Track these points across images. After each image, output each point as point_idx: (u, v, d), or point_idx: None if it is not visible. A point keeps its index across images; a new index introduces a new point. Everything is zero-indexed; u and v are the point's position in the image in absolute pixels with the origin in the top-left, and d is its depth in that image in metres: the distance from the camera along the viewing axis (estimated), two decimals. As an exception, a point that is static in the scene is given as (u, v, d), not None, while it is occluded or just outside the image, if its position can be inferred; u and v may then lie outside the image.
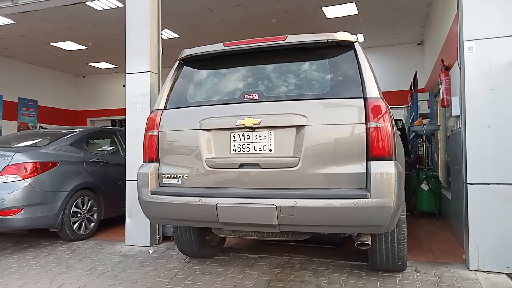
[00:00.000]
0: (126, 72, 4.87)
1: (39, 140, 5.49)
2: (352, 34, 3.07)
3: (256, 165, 2.93)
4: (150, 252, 4.42)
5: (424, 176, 6.51)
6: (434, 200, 6.41)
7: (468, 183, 3.59)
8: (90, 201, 5.27)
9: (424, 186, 6.45)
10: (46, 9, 6.32)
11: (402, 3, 7.93)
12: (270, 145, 2.93)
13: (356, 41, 3.02)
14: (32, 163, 4.67)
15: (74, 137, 5.46)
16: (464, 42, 3.64)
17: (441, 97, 5.52)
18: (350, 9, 8.21)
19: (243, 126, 2.95)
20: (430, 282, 3.27)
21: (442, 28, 6.45)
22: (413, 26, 9.44)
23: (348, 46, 3.01)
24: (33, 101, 13.19)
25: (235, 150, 3.01)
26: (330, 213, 2.72)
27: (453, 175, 5.27)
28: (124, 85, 4.94)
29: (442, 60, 5.83)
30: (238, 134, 3.01)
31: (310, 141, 2.82)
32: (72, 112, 14.84)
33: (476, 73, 3.59)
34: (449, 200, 5.65)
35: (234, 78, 3.32)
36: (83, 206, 5.15)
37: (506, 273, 3.43)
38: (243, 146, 2.99)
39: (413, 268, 3.61)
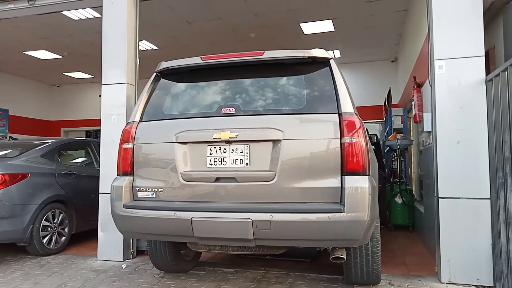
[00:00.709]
0: (102, 83, 4.80)
1: (9, 151, 5.31)
2: (328, 51, 3.14)
3: (233, 179, 2.92)
4: (123, 267, 4.30)
5: (398, 190, 6.64)
6: (408, 213, 6.54)
7: (439, 197, 3.69)
8: (62, 215, 5.11)
9: (398, 200, 6.57)
10: (19, 17, 6.18)
11: (377, 22, 8.17)
12: (247, 159, 2.93)
13: (331, 58, 3.09)
14: (0, 175, 4.51)
15: (46, 148, 5.32)
16: (434, 61, 3.78)
17: (414, 113, 5.68)
18: (327, 26, 8.41)
19: (219, 140, 2.95)
20: (403, 295, 3.32)
21: (414, 46, 6.68)
22: (387, 44, 9.73)
23: (324, 62, 3.07)
24: (4, 110, 12.77)
25: (212, 164, 3.00)
26: (306, 227, 2.73)
27: (426, 189, 5.40)
28: (100, 96, 4.86)
29: (415, 78, 6.02)
30: (215, 147, 3.01)
31: (286, 155, 2.84)
32: (45, 122, 14.45)
33: (446, 91, 3.72)
34: (422, 213, 5.77)
35: (211, 92, 3.32)
36: (53, 220, 4.99)
37: (475, 285, 3.52)
38: (220, 160, 2.99)
39: (387, 281, 3.66)
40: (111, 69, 4.78)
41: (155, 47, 9.77)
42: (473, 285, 3.53)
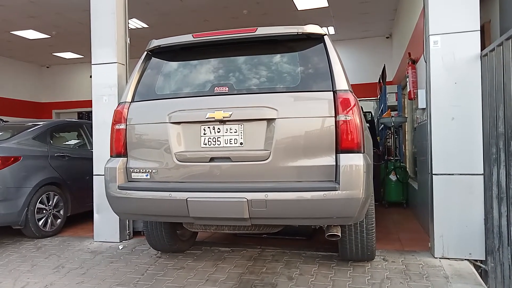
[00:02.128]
0: (92, 63, 4.70)
1: (0, 133, 5.24)
2: (322, 27, 3.08)
3: (227, 159, 2.91)
4: (120, 248, 4.33)
5: (392, 167, 6.68)
6: (402, 190, 6.60)
7: (433, 174, 3.71)
8: (56, 197, 5.09)
9: (392, 177, 6.62)
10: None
11: (371, -3, 8.04)
12: (241, 138, 2.91)
13: (325, 34, 3.03)
14: (-8, 158, 4.47)
15: (38, 130, 5.25)
16: (429, 36, 3.72)
17: (408, 90, 5.66)
18: (320, 1, 8.26)
19: (213, 119, 2.92)
20: (398, 270, 3.37)
21: (409, 22, 6.59)
22: (381, 20, 9.61)
23: (318, 39, 3.01)
24: (-7, 92, 12.60)
25: (206, 144, 2.97)
26: (301, 206, 2.73)
27: (420, 165, 5.43)
28: (90, 76, 4.77)
29: (409, 54, 5.97)
30: (209, 127, 2.97)
31: (281, 134, 2.82)
32: (35, 104, 14.26)
33: (441, 67, 3.68)
34: (416, 190, 5.83)
35: (204, 70, 3.26)
36: (48, 202, 4.98)
37: (468, 260, 3.58)
38: (214, 140, 2.96)
39: (381, 257, 3.71)
40: (100, 48, 4.67)
41: (145, 26, 9.58)
42: (465, 259, 3.59)
